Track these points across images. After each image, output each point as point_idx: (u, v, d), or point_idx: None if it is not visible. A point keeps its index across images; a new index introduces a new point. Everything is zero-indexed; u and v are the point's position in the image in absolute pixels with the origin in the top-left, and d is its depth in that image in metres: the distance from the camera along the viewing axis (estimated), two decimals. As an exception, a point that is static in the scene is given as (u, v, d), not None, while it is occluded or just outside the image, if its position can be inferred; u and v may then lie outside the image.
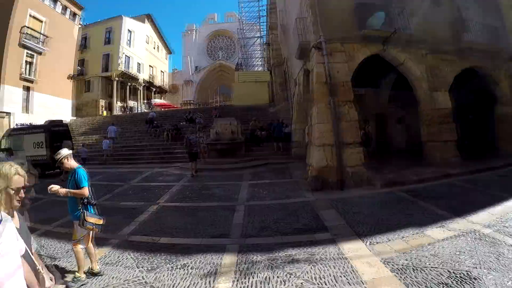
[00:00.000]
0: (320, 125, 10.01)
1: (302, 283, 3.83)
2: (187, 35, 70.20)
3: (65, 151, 4.33)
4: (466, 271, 3.75)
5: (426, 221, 5.71)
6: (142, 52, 44.17)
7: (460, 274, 3.70)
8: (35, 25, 27.59)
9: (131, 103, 41.65)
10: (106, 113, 36.55)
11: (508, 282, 3.47)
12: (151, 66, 47.67)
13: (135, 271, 4.49)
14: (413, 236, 5.11)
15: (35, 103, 27.74)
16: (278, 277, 4.05)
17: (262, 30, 41.00)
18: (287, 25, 18.64)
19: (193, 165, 13.58)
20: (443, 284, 3.52)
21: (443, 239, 4.84)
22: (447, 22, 12.44)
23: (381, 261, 4.28)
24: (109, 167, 17.82)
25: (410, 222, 5.78)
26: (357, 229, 5.69)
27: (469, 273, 3.68)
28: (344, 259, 4.48)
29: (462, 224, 5.44)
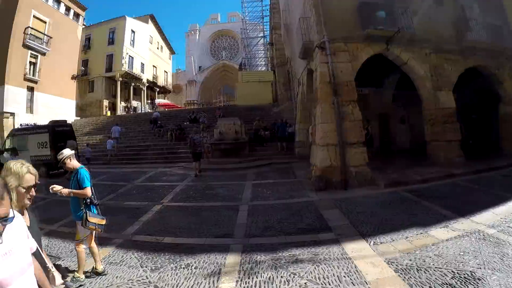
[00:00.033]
0: (324, 125, 10.00)
1: (305, 283, 3.83)
2: (190, 35, 70.37)
3: (67, 152, 4.35)
4: (470, 271, 3.74)
5: (430, 221, 5.69)
6: (145, 52, 44.20)
7: (464, 274, 3.69)
8: (39, 26, 27.76)
9: (134, 103, 41.76)
10: (109, 113, 36.65)
11: (512, 282, 3.46)
12: (154, 66, 47.70)
13: (139, 271, 4.51)
14: (417, 236, 5.10)
15: (38, 103, 27.91)
16: (281, 277, 4.05)
17: (265, 30, 41.07)
18: (290, 25, 18.63)
19: (197, 165, 13.62)
20: (447, 284, 3.51)
21: (447, 239, 4.83)
22: (450, 21, 12.41)
23: (385, 261, 4.28)
24: (113, 167, 17.90)
25: (414, 222, 5.77)
26: (361, 229, 5.68)
27: (473, 274, 3.67)
28: (347, 259, 4.47)
29: (466, 224, 5.43)
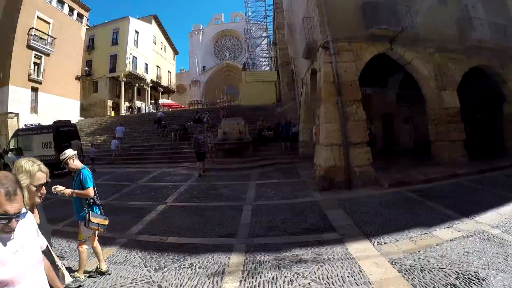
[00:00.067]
0: (327, 125, 9.99)
1: (309, 283, 3.83)
2: (194, 36, 70.46)
3: (70, 152, 4.35)
4: (474, 272, 3.74)
5: (434, 221, 5.68)
6: (148, 52, 44.33)
7: (468, 275, 3.68)
8: (43, 27, 27.98)
9: (138, 104, 41.88)
10: (113, 114, 36.81)
11: (516, 283, 3.45)
12: (158, 66, 47.83)
13: (143, 270, 4.53)
14: (421, 236, 5.10)
15: (42, 103, 28.14)
16: (285, 277, 4.06)
17: (268, 30, 41.05)
18: (293, 25, 18.60)
19: (200, 165, 13.65)
20: (451, 285, 3.50)
21: (451, 240, 4.82)
22: (454, 20, 12.36)
23: (388, 262, 4.27)
24: (117, 167, 17.98)
25: (417, 222, 5.76)
26: (365, 229, 5.68)
27: (477, 274, 3.66)
28: (351, 259, 4.47)
29: (470, 224, 5.41)
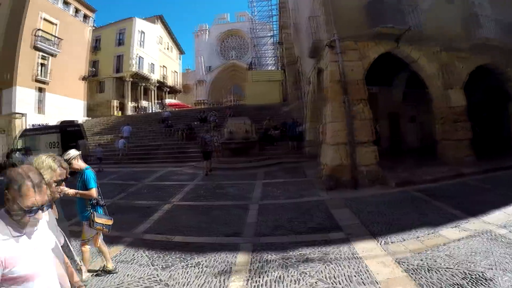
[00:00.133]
0: (334, 124, 9.98)
1: (315, 282, 3.84)
2: (199, 35, 70.52)
3: (73, 152, 4.33)
4: (481, 272, 3.72)
5: (440, 221, 5.65)
6: (154, 52, 44.49)
7: (475, 275, 3.66)
8: (48, 28, 28.27)
9: (144, 104, 42.06)
10: (118, 113, 37.02)
11: (524, 283, 3.43)
12: (163, 66, 47.98)
13: (149, 269, 4.56)
14: (428, 236, 5.08)
15: (48, 104, 28.41)
16: (291, 276, 4.07)
17: (274, 29, 40.94)
18: (299, 24, 18.55)
19: (207, 164, 13.69)
20: (458, 285, 3.50)
21: (458, 239, 4.80)
22: (460, 18, 12.19)
23: (395, 261, 4.27)
24: (123, 166, 18.08)
25: (424, 221, 5.74)
26: (371, 228, 5.67)
27: (484, 274, 3.65)
28: (358, 258, 4.47)
29: (477, 224, 5.38)
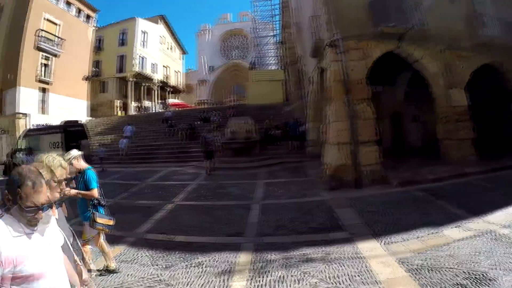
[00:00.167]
0: (336, 124, 9.97)
1: (317, 282, 3.84)
2: (201, 35, 70.43)
3: (74, 152, 4.33)
4: (483, 272, 3.70)
5: (442, 221, 5.63)
6: (156, 52, 44.58)
7: (477, 275, 3.65)
8: (51, 28, 28.41)
9: (146, 103, 42.13)
10: (121, 113, 37.09)
11: (526, 283, 3.41)
12: (165, 66, 48.07)
13: (151, 269, 4.56)
14: (429, 236, 5.06)
15: (51, 104, 28.53)
16: (293, 276, 4.07)
17: (275, 28, 40.86)
18: (300, 24, 18.54)
19: (208, 164, 13.70)
20: (459, 285, 3.48)
21: (460, 239, 4.78)
22: (463, 17, 12.11)
23: (396, 261, 4.26)
24: (125, 166, 18.14)
25: (426, 221, 5.72)
26: (373, 228, 5.66)
27: (486, 275, 3.63)
28: (359, 258, 4.47)
29: (479, 224, 5.36)
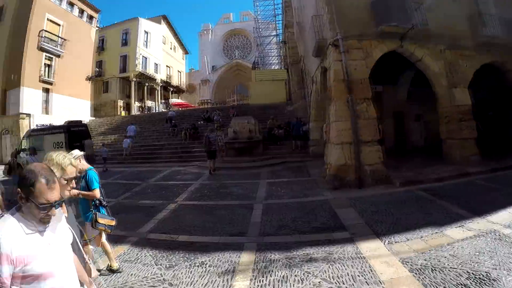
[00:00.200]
0: (338, 123, 9.97)
1: (319, 282, 3.84)
2: (203, 35, 70.62)
3: (76, 152, 4.29)
4: (485, 272, 3.70)
5: (445, 221, 5.63)
6: (158, 52, 44.58)
7: (479, 275, 3.65)
8: (53, 29, 28.60)
9: (148, 103, 42.20)
10: (124, 113, 37.18)
11: (529, 283, 3.41)
12: (168, 66, 48.05)
13: (154, 269, 4.57)
14: (432, 235, 5.06)
15: (54, 104, 28.71)
16: (295, 275, 4.07)
17: (278, 28, 40.88)
18: (303, 23, 18.54)
19: (211, 164, 13.71)
20: (462, 285, 3.48)
21: (463, 239, 4.78)
22: (465, 16, 12.11)
23: (399, 261, 4.26)
24: (128, 166, 18.20)
25: (429, 221, 5.71)
26: (376, 228, 5.66)
27: (488, 275, 3.63)
28: (362, 258, 4.47)
29: (481, 224, 5.35)
